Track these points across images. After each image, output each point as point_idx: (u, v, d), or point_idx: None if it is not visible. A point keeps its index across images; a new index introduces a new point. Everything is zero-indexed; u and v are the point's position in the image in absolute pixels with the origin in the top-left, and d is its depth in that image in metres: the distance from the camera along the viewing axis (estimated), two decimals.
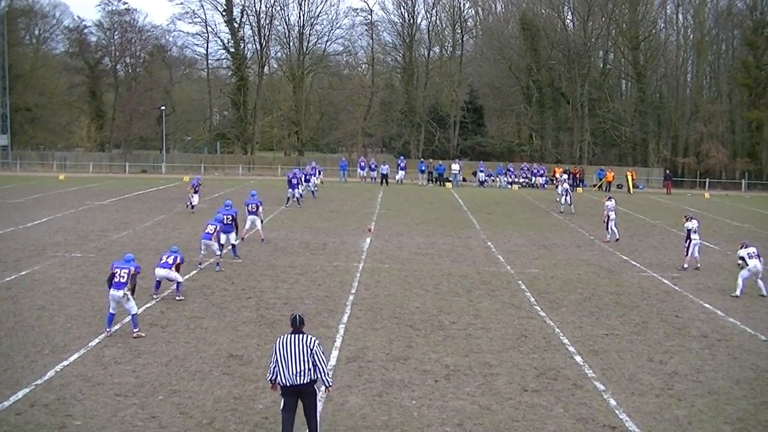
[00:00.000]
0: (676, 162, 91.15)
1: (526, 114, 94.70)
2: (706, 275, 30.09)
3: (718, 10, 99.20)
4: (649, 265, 31.68)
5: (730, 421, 14.70)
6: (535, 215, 49.50)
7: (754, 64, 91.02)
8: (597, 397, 15.75)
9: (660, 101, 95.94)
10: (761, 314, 23.75)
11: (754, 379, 17.31)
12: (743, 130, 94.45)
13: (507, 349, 18.88)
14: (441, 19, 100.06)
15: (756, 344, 20.23)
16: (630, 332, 20.87)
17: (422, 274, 28.05)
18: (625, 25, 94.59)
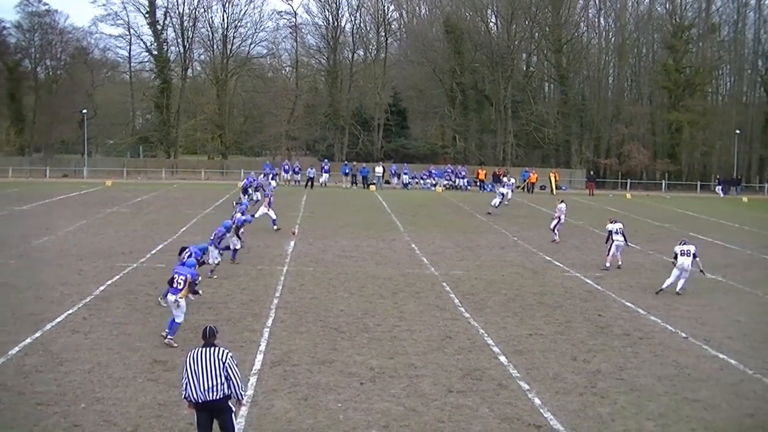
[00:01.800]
0: (599, 163, 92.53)
1: (449, 116, 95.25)
2: (628, 275, 30.53)
3: (638, 14, 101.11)
4: (572, 266, 32.06)
5: (652, 417, 14.93)
6: (458, 217, 49.80)
7: (674, 67, 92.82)
8: (522, 396, 15.87)
9: (582, 103, 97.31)
10: (682, 312, 24.19)
11: (675, 375, 17.61)
12: (664, 131, 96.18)
13: (432, 350, 18.93)
14: (365, 21, 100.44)
15: (677, 341, 20.57)
16: (554, 332, 21.09)
17: (347, 277, 28.02)
18: (548, 28, 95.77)
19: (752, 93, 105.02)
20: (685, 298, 26.38)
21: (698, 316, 23.83)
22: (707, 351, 19.76)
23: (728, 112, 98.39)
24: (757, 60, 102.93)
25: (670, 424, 14.63)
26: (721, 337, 21.16)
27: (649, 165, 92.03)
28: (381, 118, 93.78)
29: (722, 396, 16.33)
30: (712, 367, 18.38)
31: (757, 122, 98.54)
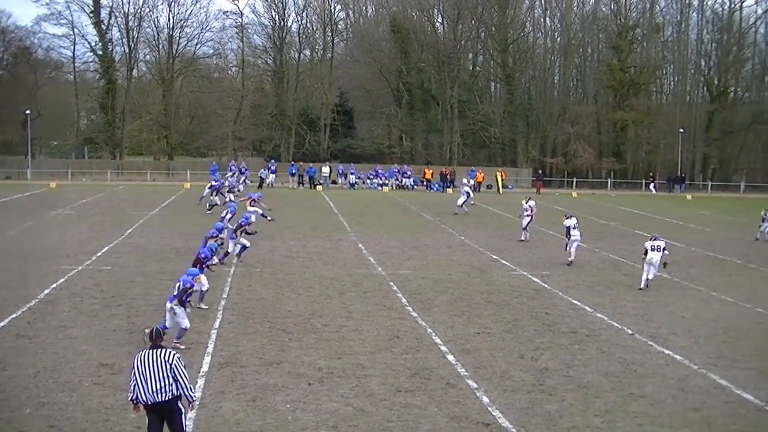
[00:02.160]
0: (545, 162, 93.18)
1: (396, 116, 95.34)
2: (575, 272, 30.77)
3: (584, 14, 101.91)
4: (519, 264, 32.24)
5: (599, 413, 15.05)
6: (405, 217, 49.89)
7: (619, 67, 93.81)
8: (470, 395, 15.91)
9: (528, 102, 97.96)
10: (628, 309, 24.43)
11: (622, 372, 17.77)
12: (609, 130, 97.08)
13: (380, 350, 18.93)
14: (312, 21, 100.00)
15: (623, 338, 20.77)
16: (501, 330, 21.18)
17: (294, 278, 27.94)
18: (494, 27, 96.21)
19: (695, 92, 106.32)
20: (631, 295, 26.67)
21: (644, 312, 24.09)
22: (653, 347, 19.97)
23: (672, 111, 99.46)
24: (700, 60, 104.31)
25: (617, 419, 14.76)
26: (666, 334, 21.41)
27: (594, 163, 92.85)
28: (327, 118, 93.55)
29: (668, 391, 16.51)
30: (658, 363, 18.59)
31: (701, 121, 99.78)
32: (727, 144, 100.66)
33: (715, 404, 15.87)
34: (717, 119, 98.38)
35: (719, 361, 18.89)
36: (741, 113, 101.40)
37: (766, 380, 17.54)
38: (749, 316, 24.32)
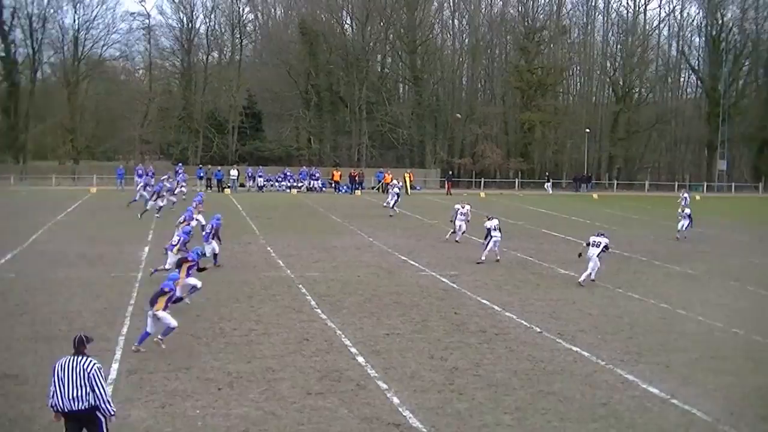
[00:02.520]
0: (453, 163, 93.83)
1: (304, 118, 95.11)
2: (483, 272, 31.02)
3: (492, 16, 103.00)
4: (428, 265, 32.38)
5: (509, 410, 15.18)
6: (314, 219, 49.80)
7: (526, 68, 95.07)
8: (380, 396, 15.92)
9: (437, 104, 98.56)
10: (536, 307, 24.72)
11: (530, 369, 17.96)
12: (516, 131, 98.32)
13: (289, 353, 18.83)
14: (220, 23, 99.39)
15: (532, 336, 21.00)
16: (411, 331, 21.25)
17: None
18: (402, 29, 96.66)
19: (601, 93, 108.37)
20: (539, 294, 26.99)
21: (552, 310, 24.39)
22: (561, 344, 20.23)
23: (578, 111, 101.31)
24: (606, 61, 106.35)
25: (527, 416, 14.91)
26: (573, 331, 21.72)
27: (502, 164, 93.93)
28: (236, 120, 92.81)
29: (576, 387, 16.74)
30: (566, 360, 18.84)
31: (606, 121, 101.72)
32: (632, 143, 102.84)
33: (622, 398, 16.14)
34: (622, 119, 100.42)
35: (626, 357, 19.23)
36: (645, 113, 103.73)
37: (671, 374, 17.92)
38: (654, 312, 24.80)
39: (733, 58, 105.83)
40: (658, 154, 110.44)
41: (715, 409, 15.62)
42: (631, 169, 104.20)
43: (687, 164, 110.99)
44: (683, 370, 18.25)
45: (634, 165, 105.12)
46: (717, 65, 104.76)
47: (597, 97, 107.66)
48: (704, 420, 15.04)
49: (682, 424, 14.80)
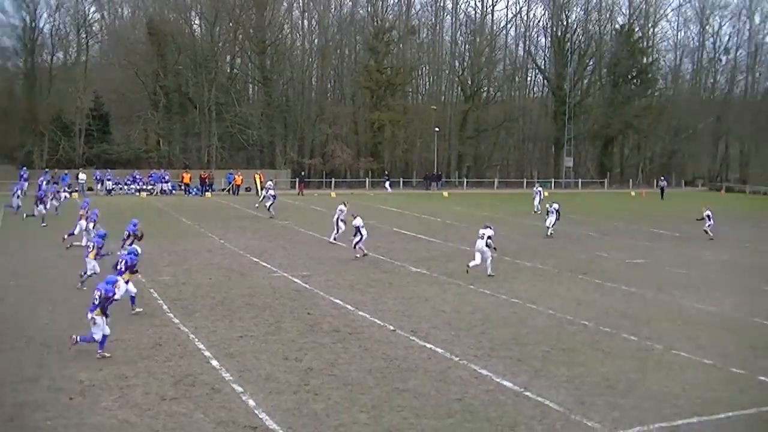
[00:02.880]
0: (303, 163, 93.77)
1: (153, 120, 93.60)
2: (335, 272, 31.07)
3: (341, 16, 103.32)
4: (280, 266, 32.26)
5: (365, 409, 15.21)
6: (164, 222, 49.04)
7: (376, 68, 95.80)
8: (236, 399, 15.75)
9: (286, 104, 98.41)
10: (389, 305, 24.88)
11: (385, 367, 18.05)
12: (366, 130, 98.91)
13: (142, 358, 18.45)
14: (65, 22, 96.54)
15: (385, 335, 21.12)
16: (264, 332, 21.11)
17: (51, 288, 26.89)
18: (252, 30, 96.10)
19: (450, 92, 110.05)
20: (392, 293, 27.18)
21: (405, 308, 24.59)
22: (415, 342, 20.41)
23: (428, 110, 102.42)
24: (454, 61, 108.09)
25: (383, 414, 14.97)
26: (427, 328, 21.93)
27: (352, 163, 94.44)
28: (82, 123, 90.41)
29: (431, 384, 16.90)
30: (420, 357, 19.01)
31: (455, 120, 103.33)
32: (481, 142, 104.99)
33: (476, 393, 16.37)
34: (471, 118, 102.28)
35: (479, 352, 19.53)
36: (493, 112, 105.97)
37: (523, 367, 18.28)
38: (505, 306, 25.26)
39: (577, 58, 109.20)
40: (507, 152, 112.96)
41: (567, 400, 16.02)
42: (480, 166, 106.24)
43: (535, 161, 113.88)
44: (535, 363, 18.65)
45: (483, 163, 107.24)
46: (562, 65, 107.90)
47: (446, 97, 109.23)
48: (557, 410, 15.39)
49: (536, 415, 15.11)
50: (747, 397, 16.32)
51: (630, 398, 16.24)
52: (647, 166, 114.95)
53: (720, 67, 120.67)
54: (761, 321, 24.11)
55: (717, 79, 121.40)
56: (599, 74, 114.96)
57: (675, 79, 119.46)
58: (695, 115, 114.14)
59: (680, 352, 19.92)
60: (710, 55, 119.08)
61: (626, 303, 26.51)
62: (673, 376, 17.91)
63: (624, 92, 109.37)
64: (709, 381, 17.62)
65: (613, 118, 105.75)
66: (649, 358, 19.45)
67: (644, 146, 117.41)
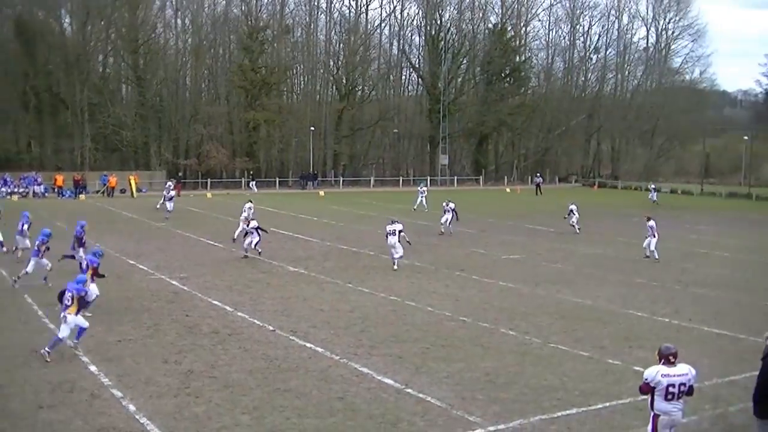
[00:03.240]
0: (179, 164, 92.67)
1: (23, 121, 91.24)
2: (212, 273, 30.90)
3: (215, 15, 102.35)
4: (157, 268, 31.94)
5: (247, 410, 15.23)
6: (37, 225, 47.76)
7: (250, 67, 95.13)
8: (116, 404, 15.57)
9: (160, 104, 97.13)
10: (268, 306, 24.91)
11: (266, 368, 18.08)
12: (241, 130, 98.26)
13: (17, 366, 18.05)
14: None
15: (265, 335, 21.15)
16: (143, 336, 20.90)
17: None
18: (124, 29, 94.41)
19: (325, 91, 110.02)
20: (270, 292, 27.24)
21: (284, 308, 24.65)
22: (294, 341, 20.49)
23: (303, 110, 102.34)
24: (329, 60, 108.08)
25: (265, 415, 15.02)
26: (306, 327, 22.04)
27: (228, 164, 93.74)
28: None
29: (312, 383, 17.01)
30: (301, 357, 19.10)
31: (331, 119, 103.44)
32: (357, 140, 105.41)
33: (358, 391, 16.55)
34: (346, 117, 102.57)
35: (359, 350, 19.72)
36: (369, 110, 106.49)
37: (404, 364, 18.53)
38: (385, 304, 25.54)
39: (451, 57, 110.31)
40: (382, 150, 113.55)
41: (448, 395, 16.33)
42: (356, 165, 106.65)
43: (411, 159, 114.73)
44: (416, 360, 18.92)
45: (359, 161, 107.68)
46: (436, 64, 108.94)
47: (321, 95, 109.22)
48: (438, 406, 15.67)
49: (418, 412, 15.35)
50: (623, 387, 16.90)
51: (510, 392, 16.64)
52: (521, 163, 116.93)
53: (590, 66, 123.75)
54: (635, 313, 24.96)
55: (588, 78, 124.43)
56: (473, 73, 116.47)
57: (547, 77, 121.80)
58: (567, 113, 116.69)
59: (558, 346, 20.50)
60: (581, 54, 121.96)
61: (504, 298, 27.09)
62: (551, 369, 18.42)
63: (498, 90, 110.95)
64: (587, 373, 18.19)
65: (487, 116, 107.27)
66: (528, 352, 19.95)
67: (518, 143, 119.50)
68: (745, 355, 19.71)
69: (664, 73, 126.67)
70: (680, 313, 25.04)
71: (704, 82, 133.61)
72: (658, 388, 11.86)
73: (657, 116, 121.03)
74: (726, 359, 19.61)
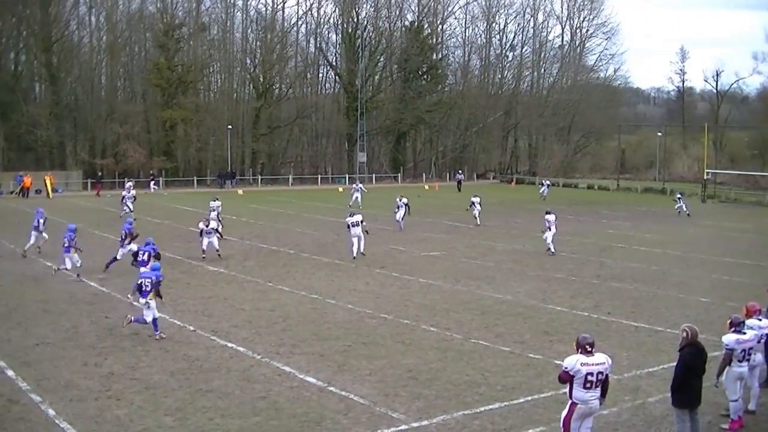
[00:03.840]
0: (95, 164, 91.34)
1: None
2: (132, 274, 29.95)
3: (130, 12, 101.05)
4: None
5: (169, 412, 15.19)
6: None
7: (166, 66, 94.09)
8: (35, 409, 15.40)
9: (75, 103, 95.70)
10: (188, 306, 24.90)
11: (187, 369, 18.04)
12: (158, 129, 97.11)
13: None
14: None
15: (186, 335, 21.09)
16: (62, 339, 20.67)
17: None
18: (36, 26, 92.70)
19: (242, 89, 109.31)
20: (190, 292, 27.17)
21: (204, 308, 24.60)
22: (216, 341, 20.46)
23: (220, 108, 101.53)
24: (246, 58, 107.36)
25: (188, 416, 14.99)
26: (227, 327, 22.03)
27: (145, 163, 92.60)
28: None
29: (235, 383, 17.01)
30: (222, 357, 19.08)
31: (248, 117, 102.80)
32: (275, 139, 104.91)
33: (280, 390, 16.60)
34: (264, 115, 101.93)
35: (281, 349, 19.76)
36: (286, 108, 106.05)
37: (326, 362, 18.64)
38: (305, 303, 25.63)
39: (368, 55, 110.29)
40: (301, 149, 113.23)
41: (371, 393, 16.47)
42: (274, 163, 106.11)
43: (329, 157, 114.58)
44: (338, 358, 19.02)
45: (277, 160, 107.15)
46: (353, 61, 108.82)
47: (238, 94, 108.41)
48: (361, 404, 15.80)
49: (341, 410, 15.46)
50: (544, 381, 17.22)
51: (433, 388, 16.83)
52: (439, 160, 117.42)
53: (507, 63, 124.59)
54: (554, 307, 25.40)
55: (504, 75, 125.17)
56: (390, 70, 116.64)
57: (464, 74, 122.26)
58: (485, 110, 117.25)
59: (479, 341, 20.78)
60: (497, 52, 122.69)
61: (424, 295, 27.34)
62: (473, 364, 18.67)
63: (415, 88, 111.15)
64: (508, 367, 18.48)
65: (404, 114, 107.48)
66: (450, 348, 20.18)
67: (436, 140, 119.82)
68: (663, 346, 20.25)
69: (580, 71, 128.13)
70: (599, 307, 25.55)
71: (618, 80, 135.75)
72: (577, 376, 12.16)
73: (573, 113, 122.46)
74: (644, 351, 20.09)
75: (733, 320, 15.01)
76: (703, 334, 14.60)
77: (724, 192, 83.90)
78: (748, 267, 35.22)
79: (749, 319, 15.64)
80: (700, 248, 41.37)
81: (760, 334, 15.48)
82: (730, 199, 79.54)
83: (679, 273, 33.22)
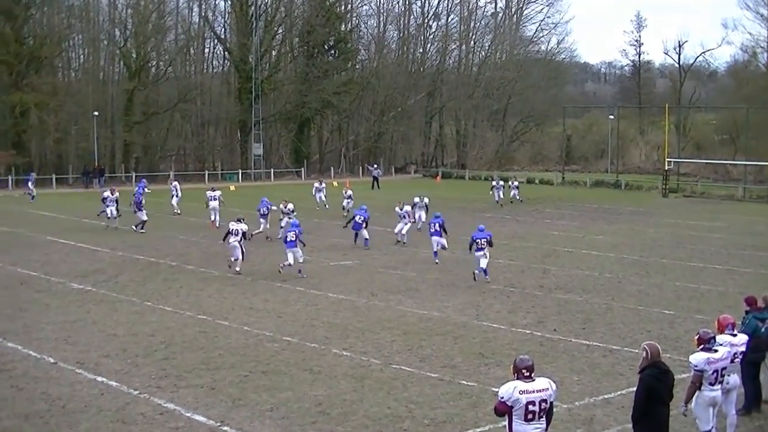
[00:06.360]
0: None
1: None
2: None
3: None
4: None
5: None
6: None
7: (14, 38, 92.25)
8: None
9: None
10: (47, 333, 24.35)
11: (47, 410, 17.61)
12: (6, 116, 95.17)
13: None
14: None
15: (45, 369, 20.61)
16: None
17: None
18: None
19: (111, 68, 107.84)
20: (49, 316, 26.67)
21: (67, 335, 24.12)
22: (82, 375, 20.06)
23: (84, 90, 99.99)
24: (114, 29, 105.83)
25: None
26: (97, 357, 21.62)
27: None
28: None
29: (107, 425, 16.70)
30: (91, 394, 18.69)
31: (119, 102, 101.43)
32: (152, 127, 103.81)
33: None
34: (138, 99, 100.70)
35: (163, 382, 19.44)
36: (166, 91, 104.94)
37: (218, 397, 18.37)
38: (192, 325, 25.32)
39: (264, 26, 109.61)
40: (184, 139, 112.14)
41: (274, 431, 16.21)
42: (152, 157, 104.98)
43: (218, 149, 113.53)
44: (232, 391, 18.78)
45: (155, 152, 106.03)
46: (246, 34, 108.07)
47: (106, 73, 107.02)
48: None
49: None
50: (479, 413, 17.18)
51: (347, 425, 16.70)
52: (351, 152, 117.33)
53: (429, 36, 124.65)
54: (490, 324, 25.47)
55: (427, 49, 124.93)
56: (291, 45, 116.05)
57: (379, 49, 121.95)
58: (404, 91, 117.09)
59: (402, 366, 20.69)
60: (418, 22, 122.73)
61: (335, 313, 27.24)
62: (395, 394, 18.56)
63: (320, 65, 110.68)
64: (437, 397, 18.40)
65: (308, 96, 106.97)
66: (367, 375, 20.04)
67: (346, 128, 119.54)
68: (620, 368, 20.37)
69: (516, 43, 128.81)
70: (544, 323, 25.68)
71: (562, 53, 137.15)
72: (516, 407, 12.03)
73: (509, 93, 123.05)
74: (599, 375, 20.16)
75: (702, 336, 15.02)
76: (667, 353, 14.71)
77: (690, 185, 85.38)
78: (719, 272, 35.82)
79: (721, 335, 15.70)
80: (662, 251, 41.97)
81: (733, 351, 15.51)
82: (696, 192, 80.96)
83: (637, 281, 33.59)
